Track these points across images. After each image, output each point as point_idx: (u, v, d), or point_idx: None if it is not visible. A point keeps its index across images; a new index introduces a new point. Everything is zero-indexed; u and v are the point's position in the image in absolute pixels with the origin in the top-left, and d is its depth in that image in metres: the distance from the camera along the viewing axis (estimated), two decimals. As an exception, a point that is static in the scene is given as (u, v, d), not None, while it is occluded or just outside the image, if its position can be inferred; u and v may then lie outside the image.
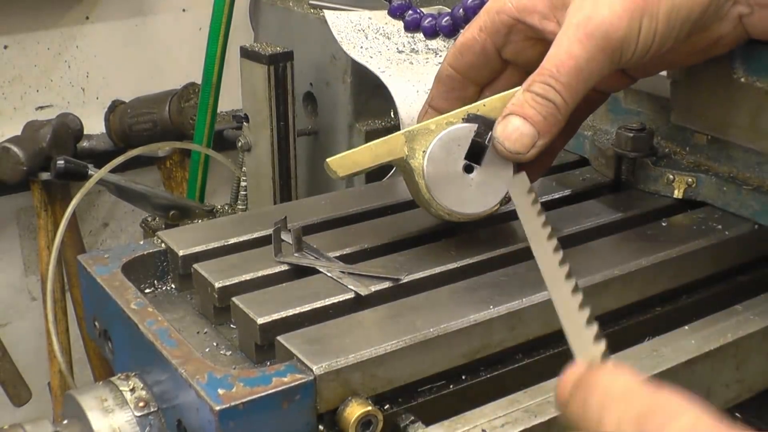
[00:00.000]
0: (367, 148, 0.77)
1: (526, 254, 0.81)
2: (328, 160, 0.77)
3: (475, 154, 0.77)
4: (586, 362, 0.48)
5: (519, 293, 0.74)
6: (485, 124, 0.76)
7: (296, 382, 0.64)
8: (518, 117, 0.72)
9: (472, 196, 0.78)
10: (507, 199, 0.78)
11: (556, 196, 0.94)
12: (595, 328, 0.52)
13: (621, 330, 0.79)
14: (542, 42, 0.77)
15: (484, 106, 0.77)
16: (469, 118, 0.77)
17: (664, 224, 0.87)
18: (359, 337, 0.68)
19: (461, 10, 1.24)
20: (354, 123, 1.47)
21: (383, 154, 0.77)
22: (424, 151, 0.77)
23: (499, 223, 0.87)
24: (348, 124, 1.48)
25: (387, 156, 0.78)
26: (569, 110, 0.72)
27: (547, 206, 0.92)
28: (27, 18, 1.94)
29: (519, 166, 0.76)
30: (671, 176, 0.91)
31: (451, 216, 0.79)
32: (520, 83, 0.76)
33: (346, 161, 0.77)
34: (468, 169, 0.77)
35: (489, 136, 0.75)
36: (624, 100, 1.01)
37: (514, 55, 0.80)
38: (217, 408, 0.61)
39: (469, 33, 0.79)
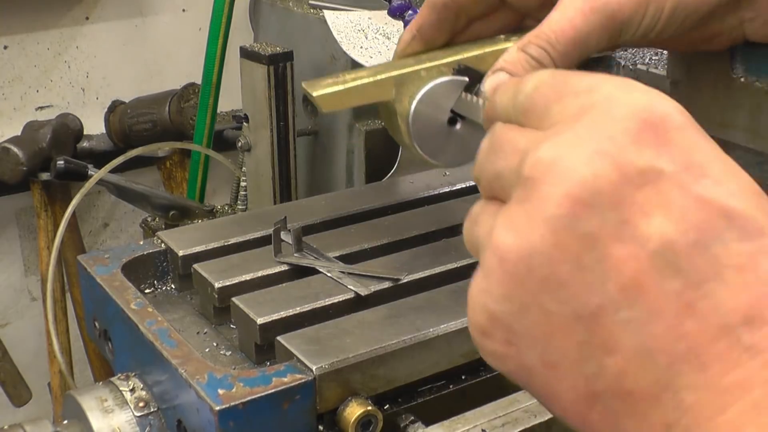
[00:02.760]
0: (355, 88, 0.75)
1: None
2: (313, 93, 0.74)
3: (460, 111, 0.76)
4: None
5: (519, 293, 0.74)
6: (475, 77, 0.75)
7: (296, 382, 0.64)
8: (508, 75, 0.72)
9: (453, 147, 0.76)
10: None
11: (556, 196, 0.94)
12: None
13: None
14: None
15: (476, 59, 0.76)
16: (460, 70, 0.76)
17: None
18: (359, 337, 0.68)
19: (461, 10, 1.24)
20: (354, 123, 1.47)
21: (371, 94, 0.76)
22: (410, 97, 0.75)
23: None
24: (348, 124, 1.48)
25: (374, 97, 0.76)
26: None
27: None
28: (27, 18, 1.94)
29: None
30: (671, 176, 0.91)
31: (427, 161, 0.77)
32: (510, 25, 0.77)
33: (333, 97, 0.75)
34: (452, 121, 0.76)
35: (477, 88, 0.75)
36: (624, 100, 1.01)
37: None
38: (217, 408, 0.61)
39: None
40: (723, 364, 0.35)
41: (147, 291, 0.84)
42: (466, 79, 0.75)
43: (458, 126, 0.76)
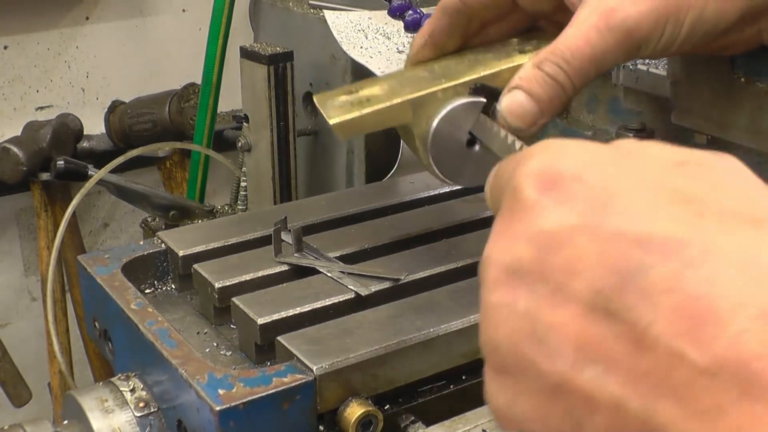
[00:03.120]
0: (371, 114, 0.74)
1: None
2: (330, 122, 0.74)
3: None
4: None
5: (519, 293, 0.74)
6: (492, 94, 0.74)
7: (296, 383, 0.64)
8: (524, 93, 0.71)
9: (471, 168, 0.76)
10: None
11: (556, 196, 0.94)
12: None
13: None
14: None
15: (493, 77, 0.75)
16: (477, 89, 0.75)
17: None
18: (359, 337, 0.68)
19: (461, 10, 1.24)
20: (354, 123, 1.47)
21: (388, 120, 0.75)
22: (428, 120, 0.75)
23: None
24: (348, 124, 1.48)
25: (392, 122, 0.75)
26: (576, 93, 0.72)
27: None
28: (27, 18, 1.94)
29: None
30: (671, 176, 0.91)
31: (447, 182, 0.78)
32: (522, 27, 0.77)
33: (350, 125, 0.74)
34: (470, 143, 0.76)
35: (494, 107, 0.74)
36: (624, 100, 1.01)
37: (525, 0, 0.79)
38: (217, 408, 0.61)
39: None
40: (691, 390, 0.35)
41: (147, 291, 0.84)
42: (484, 100, 0.75)
43: (476, 147, 0.76)
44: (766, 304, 0.35)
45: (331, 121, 0.73)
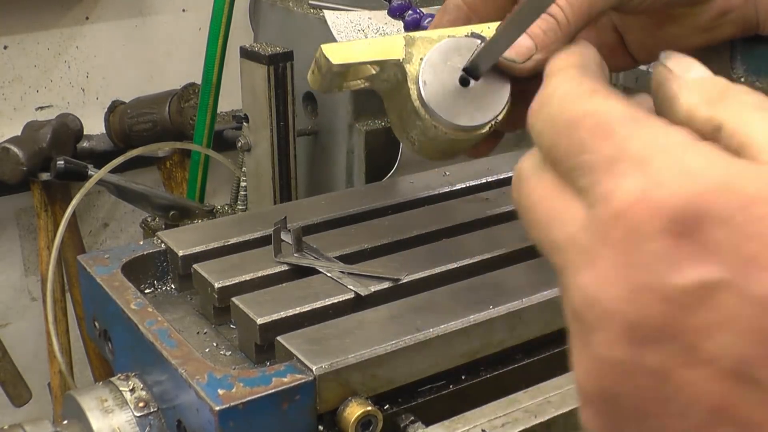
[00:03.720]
0: (364, 42, 0.73)
1: (527, 254, 0.81)
2: (322, 45, 0.73)
3: (474, 70, 0.73)
4: None
5: (519, 293, 0.74)
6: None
7: (296, 383, 0.64)
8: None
9: (464, 109, 0.72)
10: (498, 122, 0.74)
11: (556, 196, 0.94)
12: None
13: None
14: None
15: (488, 28, 0.74)
16: (473, 36, 0.74)
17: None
18: (359, 337, 0.68)
19: (461, 10, 1.24)
20: (354, 123, 1.47)
21: (380, 51, 0.73)
22: (421, 58, 0.73)
23: (498, 224, 0.87)
24: (348, 124, 1.48)
25: (383, 54, 0.73)
26: (570, 30, 0.69)
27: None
28: (27, 18, 1.94)
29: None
30: (671, 176, 0.91)
31: (437, 130, 0.73)
32: None
33: (341, 49, 0.73)
34: (464, 82, 0.73)
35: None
36: (624, 100, 1.01)
37: None
38: (217, 408, 0.61)
39: None
40: None
41: (147, 291, 0.84)
42: (479, 40, 0.73)
43: (470, 87, 0.72)
44: None
45: (323, 45, 0.72)
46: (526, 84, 0.69)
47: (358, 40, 0.74)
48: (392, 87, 0.76)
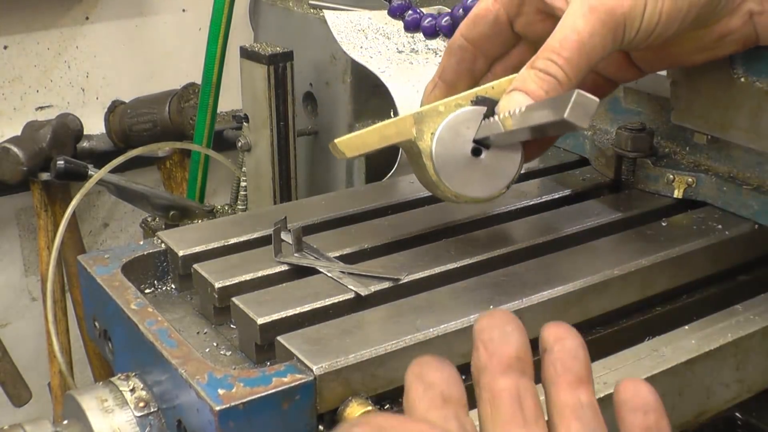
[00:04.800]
0: (375, 130, 0.75)
1: (527, 254, 0.81)
2: (335, 140, 0.75)
3: (484, 138, 0.76)
4: None
5: (519, 293, 0.74)
6: (493, 105, 0.75)
7: (296, 382, 0.64)
8: (521, 92, 0.72)
9: (479, 178, 0.76)
10: (513, 183, 0.78)
11: (556, 196, 0.94)
12: None
13: (621, 330, 0.79)
14: (552, 18, 0.76)
15: (492, 88, 0.76)
16: (478, 101, 0.76)
17: (664, 224, 0.87)
18: (359, 337, 0.68)
19: (461, 10, 1.24)
20: (354, 123, 1.47)
21: (391, 135, 0.76)
22: (432, 133, 0.75)
23: (498, 223, 0.87)
24: (348, 124, 1.48)
25: (395, 138, 0.76)
26: (572, 86, 0.72)
27: (548, 206, 0.92)
28: (27, 18, 1.94)
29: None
30: (671, 176, 0.91)
31: (458, 198, 0.77)
32: (529, 59, 0.77)
33: (354, 142, 0.76)
34: (476, 152, 0.76)
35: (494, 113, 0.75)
36: (624, 100, 1.01)
37: (525, 28, 0.80)
38: (217, 408, 0.61)
39: (483, 4, 0.80)
40: None
41: (147, 291, 0.84)
42: (485, 108, 0.75)
43: (482, 156, 0.76)
44: None
45: (336, 140, 0.75)
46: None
47: (369, 128, 0.75)
48: (410, 154, 0.79)
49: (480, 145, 0.76)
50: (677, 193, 0.91)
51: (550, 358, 0.51)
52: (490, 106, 0.75)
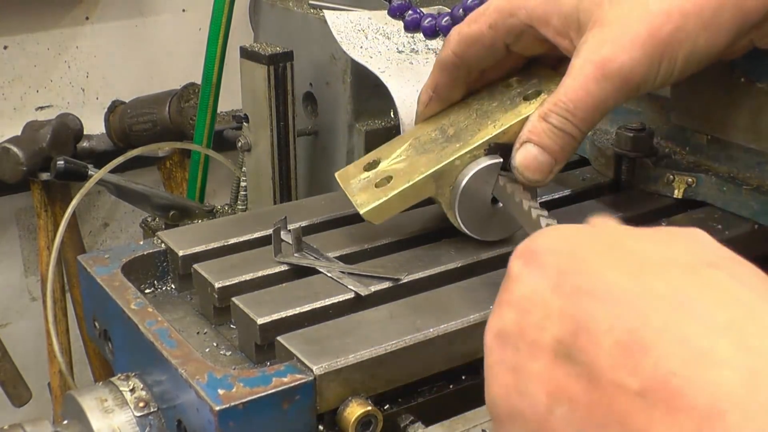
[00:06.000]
0: (398, 195, 0.79)
1: (526, 254, 0.81)
2: (362, 212, 0.79)
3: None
4: None
5: (519, 293, 0.74)
6: (506, 151, 0.78)
7: (296, 382, 0.64)
8: (536, 146, 0.74)
9: (498, 222, 0.81)
10: None
11: (556, 196, 0.94)
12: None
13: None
14: (552, 43, 0.77)
15: (504, 134, 0.78)
16: (491, 149, 0.78)
17: (663, 224, 0.87)
18: (359, 337, 0.68)
19: (461, 10, 1.24)
20: (354, 123, 1.47)
21: (414, 196, 0.79)
22: (451, 187, 0.79)
23: (499, 223, 0.87)
24: (348, 124, 1.48)
25: (417, 198, 0.80)
26: (584, 138, 0.75)
27: (547, 206, 0.92)
28: (27, 18, 1.94)
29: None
30: (671, 176, 0.91)
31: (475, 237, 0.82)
32: (518, 67, 0.81)
33: (380, 211, 0.79)
34: (495, 200, 0.80)
35: (510, 163, 0.77)
36: (624, 100, 1.01)
37: (523, 50, 0.80)
38: (217, 408, 0.61)
39: (477, 27, 0.79)
40: (629, 414, 0.39)
41: (147, 291, 0.84)
42: (500, 159, 0.78)
43: (501, 204, 0.80)
44: (688, 328, 0.40)
45: (362, 211, 0.79)
46: None
47: (392, 195, 0.79)
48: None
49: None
50: (677, 193, 0.91)
51: None
52: (503, 153, 0.78)
